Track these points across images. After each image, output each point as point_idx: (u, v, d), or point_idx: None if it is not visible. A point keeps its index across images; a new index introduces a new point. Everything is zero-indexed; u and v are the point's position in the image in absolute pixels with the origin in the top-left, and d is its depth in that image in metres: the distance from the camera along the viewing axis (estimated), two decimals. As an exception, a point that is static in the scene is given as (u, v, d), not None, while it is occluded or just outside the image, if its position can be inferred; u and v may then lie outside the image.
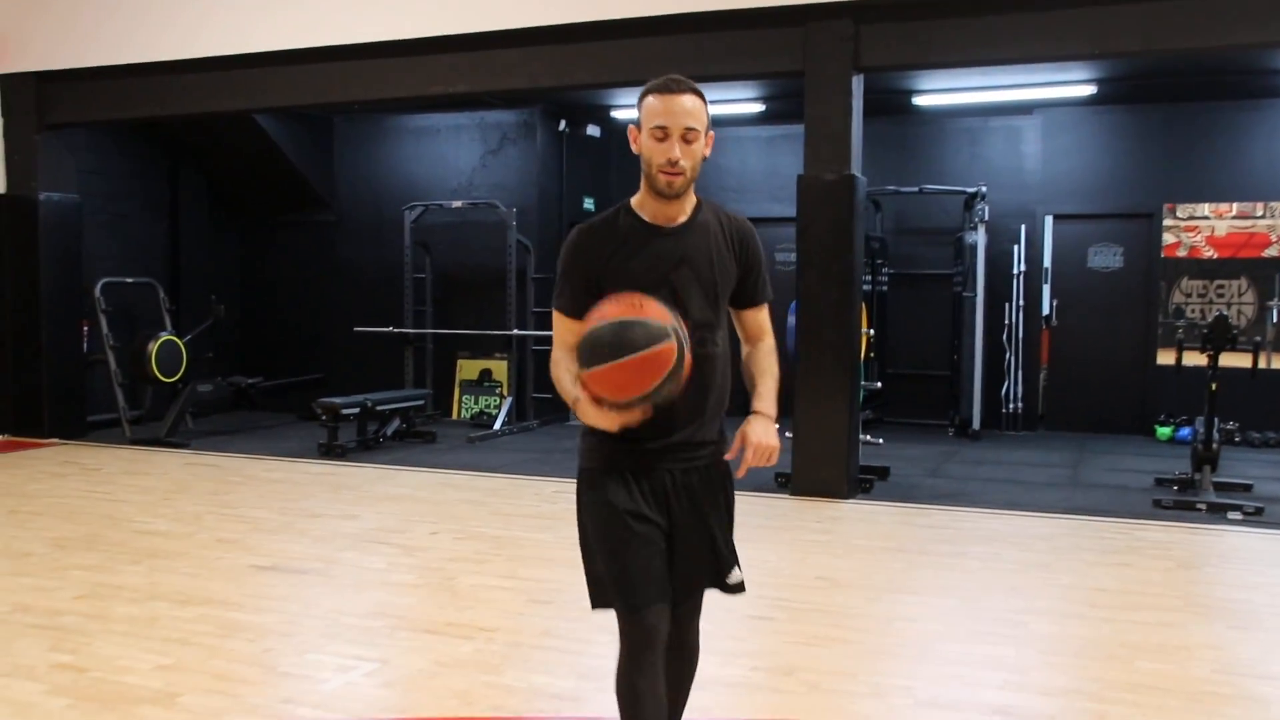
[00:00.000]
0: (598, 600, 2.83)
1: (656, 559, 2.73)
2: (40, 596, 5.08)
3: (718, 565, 2.86)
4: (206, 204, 12.69)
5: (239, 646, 4.39)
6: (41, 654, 4.27)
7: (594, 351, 2.54)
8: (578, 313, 2.72)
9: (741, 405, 2.84)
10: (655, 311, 2.56)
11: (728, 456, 2.88)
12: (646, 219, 2.79)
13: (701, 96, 2.73)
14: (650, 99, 2.72)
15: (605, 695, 3.78)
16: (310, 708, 3.72)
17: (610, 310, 2.58)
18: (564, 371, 2.73)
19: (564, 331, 2.79)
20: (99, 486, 7.98)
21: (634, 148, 2.77)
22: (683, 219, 2.80)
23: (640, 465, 2.75)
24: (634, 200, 2.82)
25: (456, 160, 12.05)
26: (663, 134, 2.69)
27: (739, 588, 2.90)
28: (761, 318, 2.97)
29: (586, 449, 2.82)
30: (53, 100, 10.13)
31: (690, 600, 2.89)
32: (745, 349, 2.99)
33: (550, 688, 3.90)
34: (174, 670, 4.09)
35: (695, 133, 2.70)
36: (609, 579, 2.74)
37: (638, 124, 2.75)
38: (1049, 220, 10.86)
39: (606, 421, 2.60)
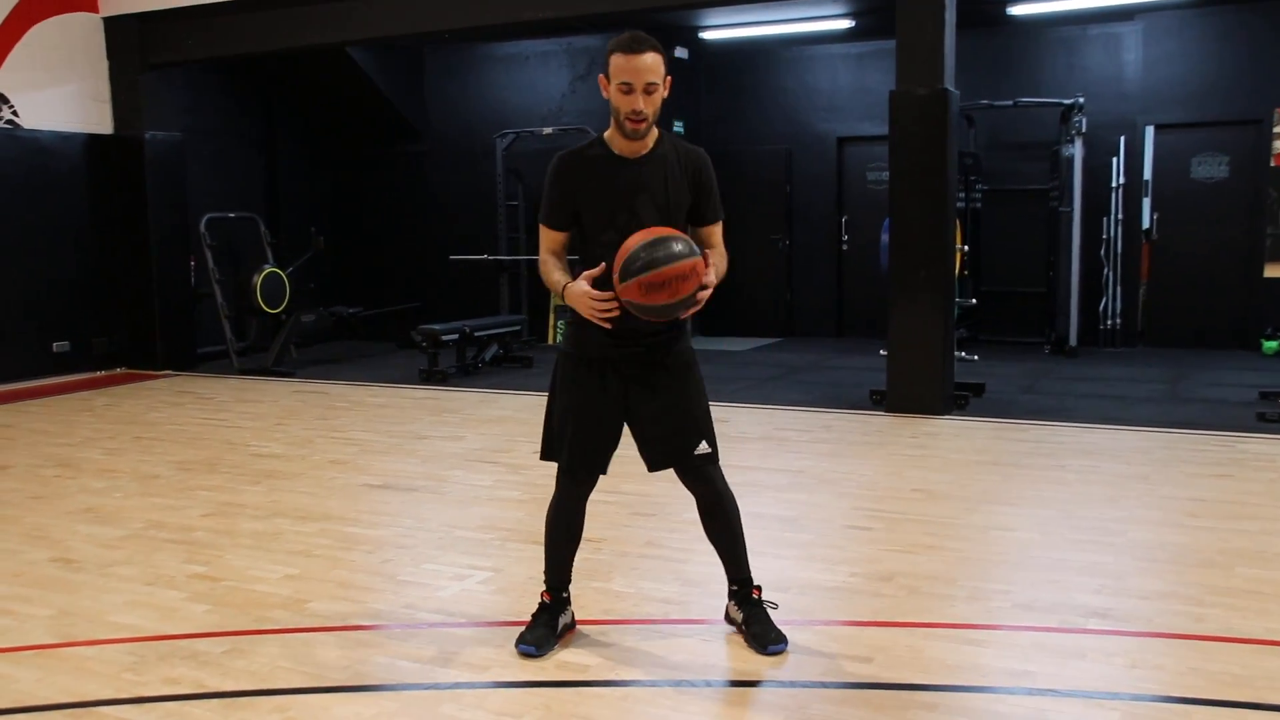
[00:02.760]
0: (545, 454, 3.51)
1: (595, 439, 3.41)
2: (171, 514, 5.38)
3: (686, 439, 3.41)
4: (303, 138, 12.97)
5: (359, 558, 4.63)
6: (178, 565, 4.55)
7: (626, 268, 3.11)
8: (558, 225, 3.38)
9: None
10: (677, 234, 3.16)
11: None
12: (615, 152, 3.33)
13: (660, 51, 3.24)
14: (616, 57, 3.21)
15: (710, 600, 3.95)
16: (430, 612, 3.93)
17: (638, 237, 3.14)
18: (551, 269, 3.36)
19: (547, 240, 3.41)
20: (214, 414, 8.33)
21: (604, 94, 3.29)
22: (644, 152, 3.33)
23: (613, 357, 3.36)
24: (606, 134, 3.36)
25: (546, 87, 12.12)
26: (628, 88, 3.20)
27: (707, 458, 3.43)
28: (713, 232, 3.46)
29: (569, 336, 3.45)
30: (154, 40, 10.40)
31: (681, 464, 3.43)
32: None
33: (656, 593, 4.06)
34: (300, 579, 4.34)
35: (655, 86, 3.22)
36: (559, 445, 3.44)
37: (607, 75, 3.25)
38: (1150, 130, 10.58)
39: (598, 318, 3.19)
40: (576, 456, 3.43)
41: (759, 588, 3.59)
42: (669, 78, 3.28)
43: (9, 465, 6.62)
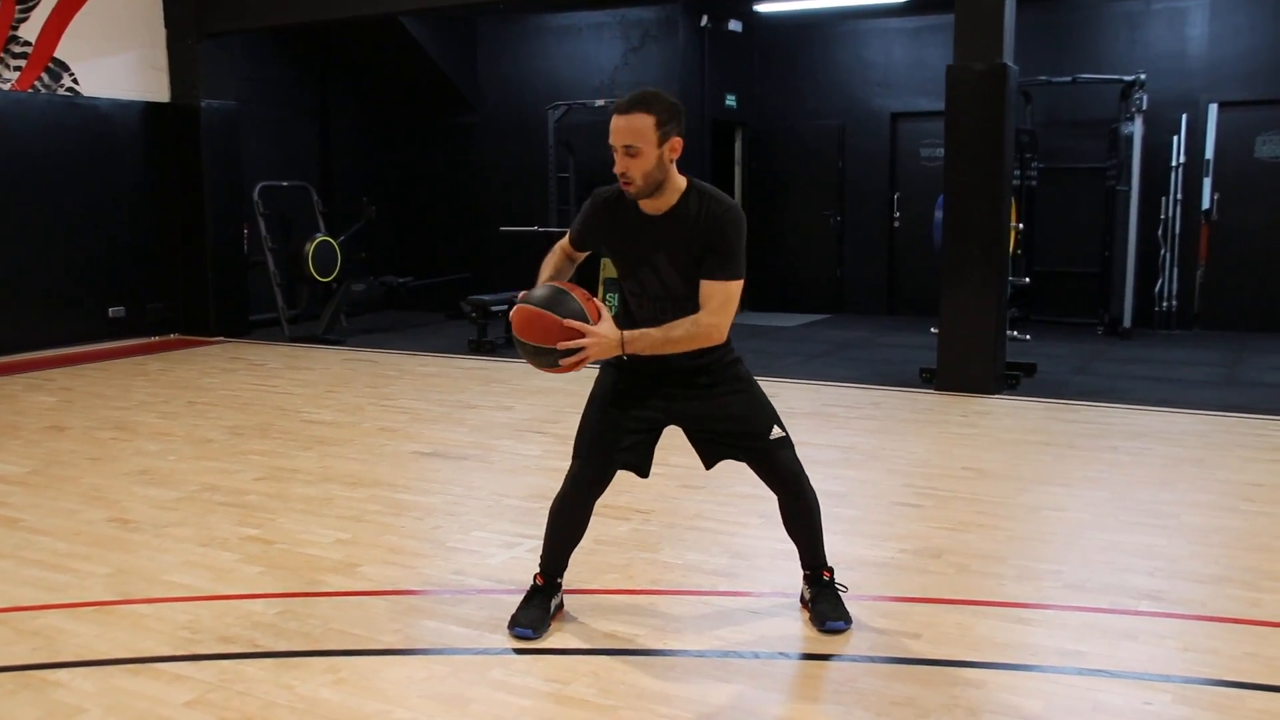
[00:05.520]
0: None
1: (614, 434, 3.35)
2: (224, 478, 5.46)
3: (754, 427, 3.34)
4: (356, 108, 13.03)
5: (409, 524, 4.67)
6: (232, 528, 4.62)
7: (528, 295, 3.20)
8: (576, 243, 3.46)
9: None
10: (579, 299, 3.17)
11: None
12: (641, 205, 3.24)
13: (651, 112, 3.13)
14: (612, 118, 3.17)
15: (758, 572, 3.95)
16: (479, 579, 3.97)
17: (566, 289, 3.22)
18: (546, 265, 3.43)
19: (560, 246, 3.49)
20: (266, 380, 8.42)
21: None
22: (665, 210, 3.22)
23: (653, 372, 3.31)
24: None
25: (599, 59, 12.08)
26: (614, 150, 3.14)
27: (781, 441, 3.35)
28: (709, 291, 3.17)
29: None
30: (211, 9, 10.48)
31: (753, 453, 3.35)
32: None
33: (705, 564, 4.06)
34: (351, 544, 4.39)
35: (636, 149, 3.10)
36: (579, 434, 3.41)
37: None
38: (1213, 108, 10.37)
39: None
40: (588, 442, 3.37)
41: (830, 570, 3.55)
42: (676, 139, 3.17)
43: (67, 427, 6.74)
